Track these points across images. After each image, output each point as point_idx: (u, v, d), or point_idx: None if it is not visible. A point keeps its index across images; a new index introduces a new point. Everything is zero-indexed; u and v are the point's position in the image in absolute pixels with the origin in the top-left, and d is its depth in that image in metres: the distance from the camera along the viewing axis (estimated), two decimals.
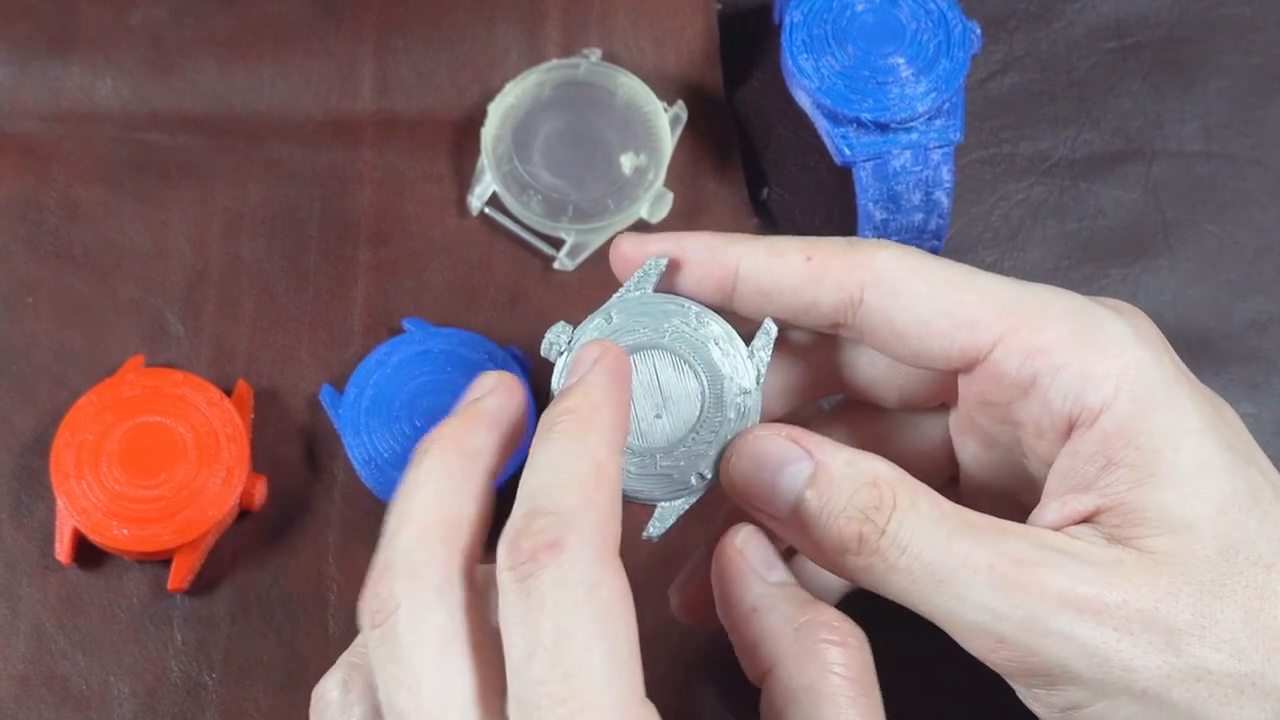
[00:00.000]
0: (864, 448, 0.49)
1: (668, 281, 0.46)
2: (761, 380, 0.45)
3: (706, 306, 0.45)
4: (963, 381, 0.45)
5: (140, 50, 0.61)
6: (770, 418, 0.48)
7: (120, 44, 0.61)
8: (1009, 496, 0.48)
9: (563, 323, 0.45)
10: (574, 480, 0.40)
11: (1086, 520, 0.43)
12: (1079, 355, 0.42)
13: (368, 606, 0.40)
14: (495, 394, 0.44)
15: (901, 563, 0.41)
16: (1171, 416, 0.42)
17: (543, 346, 0.45)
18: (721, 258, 0.45)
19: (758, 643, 0.42)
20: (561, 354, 0.45)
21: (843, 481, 0.42)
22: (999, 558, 0.41)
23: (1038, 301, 0.43)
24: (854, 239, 0.45)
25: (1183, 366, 0.44)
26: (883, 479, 0.42)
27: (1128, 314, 0.44)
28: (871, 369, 0.47)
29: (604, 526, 0.39)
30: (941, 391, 0.47)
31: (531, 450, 0.41)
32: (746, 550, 0.44)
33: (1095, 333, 0.43)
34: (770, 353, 0.45)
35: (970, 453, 0.48)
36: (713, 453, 0.44)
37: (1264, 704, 0.41)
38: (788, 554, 0.47)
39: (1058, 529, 0.43)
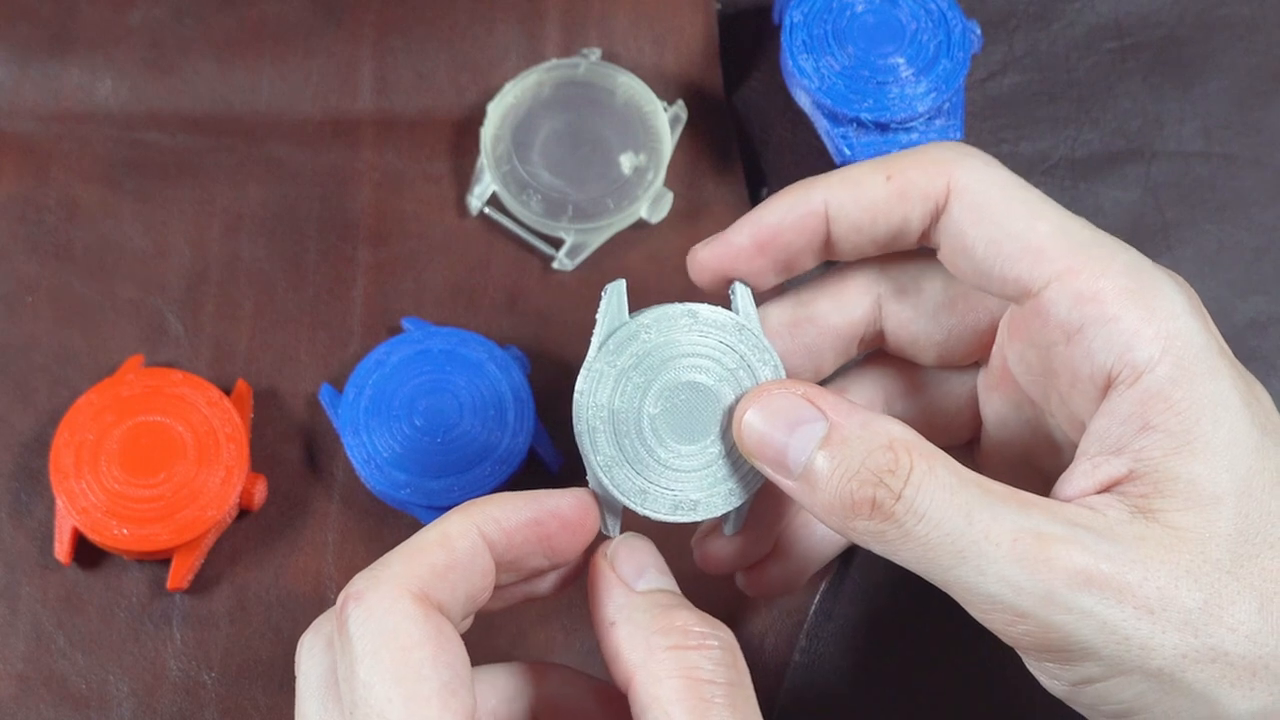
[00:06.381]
0: (889, 404, 0.50)
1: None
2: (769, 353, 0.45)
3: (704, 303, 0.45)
4: (1011, 317, 0.45)
5: (140, 50, 0.61)
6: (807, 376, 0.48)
7: (120, 44, 0.61)
8: (1028, 461, 0.48)
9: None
10: (411, 546, 0.42)
11: (1116, 485, 0.42)
12: (1131, 311, 0.42)
13: (345, 590, 0.41)
14: (557, 497, 0.44)
15: (918, 531, 0.41)
16: (1212, 388, 0.42)
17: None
18: (807, 209, 0.45)
19: (616, 656, 0.42)
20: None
21: (857, 443, 0.42)
22: (1022, 532, 0.41)
23: (1104, 249, 0.43)
24: (926, 145, 0.46)
25: (1224, 344, 0.44)
26: (898, 442, 0.41)
27: (1181, 284, 0.44)
28: (913, 325, 0.47)
29: (408, 571, 0.41)
30: (978, 349, 0.47)
31: None
32: (616, 560, 0.44)
33: (1151, 293, 0.42)
34: (753, 306, 0.45)
35: (995, 411, 0.48)
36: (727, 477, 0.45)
37: (1274, 688, 0.41)
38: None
39: (1086, 495, 0.43)
